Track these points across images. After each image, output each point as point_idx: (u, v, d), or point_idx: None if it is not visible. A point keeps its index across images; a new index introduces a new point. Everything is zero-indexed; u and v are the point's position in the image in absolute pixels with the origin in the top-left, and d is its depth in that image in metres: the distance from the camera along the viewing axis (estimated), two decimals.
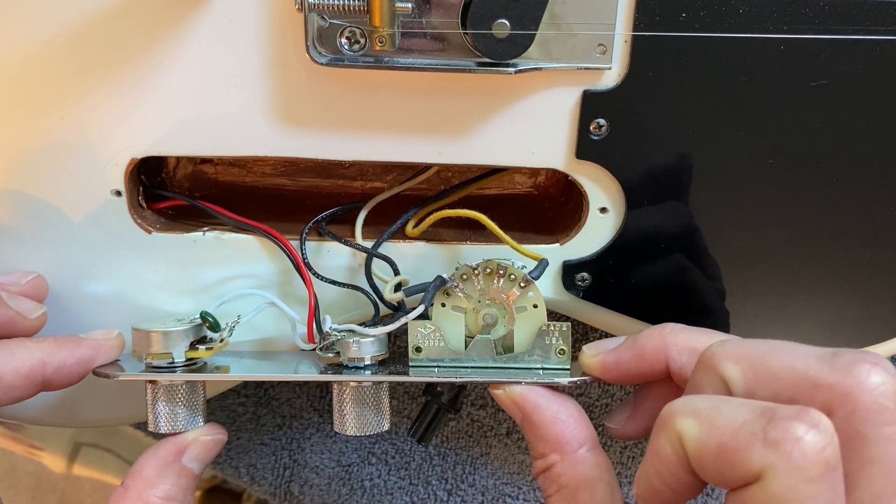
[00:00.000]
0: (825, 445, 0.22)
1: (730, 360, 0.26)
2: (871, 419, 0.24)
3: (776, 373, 0.25)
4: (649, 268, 0.37)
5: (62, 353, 0.33)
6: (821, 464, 0.22)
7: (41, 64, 0.33)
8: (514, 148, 0.35)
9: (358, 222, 0.38)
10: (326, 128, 0.35)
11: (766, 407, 0.24)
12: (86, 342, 0.34)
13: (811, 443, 0.22)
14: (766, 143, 0.35)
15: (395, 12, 0.30)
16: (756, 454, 0.23)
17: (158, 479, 0.33)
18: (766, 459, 0.22)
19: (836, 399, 0.24)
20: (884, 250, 0.37)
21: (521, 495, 0.53)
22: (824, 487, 0.22)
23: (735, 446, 0.23)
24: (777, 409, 0.23)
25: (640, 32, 0.33)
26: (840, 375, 0.24)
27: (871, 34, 0.33)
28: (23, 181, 0.36)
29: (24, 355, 0.32)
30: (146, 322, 0.35)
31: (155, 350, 0.34)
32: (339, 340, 0.35)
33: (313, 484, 0.53)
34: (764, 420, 0.23)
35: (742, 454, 0.23)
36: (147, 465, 0.33)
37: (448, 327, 0.35)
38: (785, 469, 0.22)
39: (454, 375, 0.34)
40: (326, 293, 0.38)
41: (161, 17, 0.33)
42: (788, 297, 0.38)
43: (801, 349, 0.26)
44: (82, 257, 0.37)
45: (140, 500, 0.33)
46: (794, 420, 0.23)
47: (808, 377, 0.25)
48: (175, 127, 0.35)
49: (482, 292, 0.35)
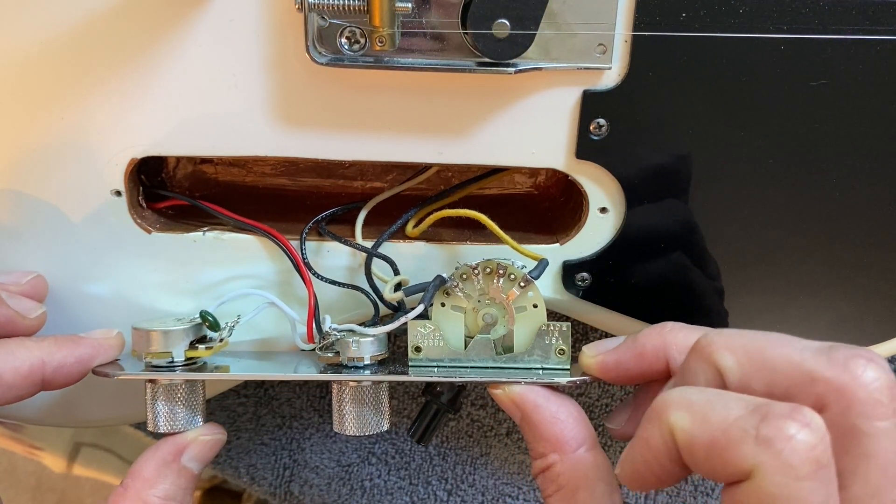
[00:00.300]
0: (816, 444, 0.23)
1: (726, 350, 0.26)
2: (867, 413, 0.24)
3: (772, 364, 0.25)
4: (649, 267, 0.37)
5: (62, 352, 0.33)
6: (812, 462, 0.22)
7: (41, 64, 0.33)
8: (514, 148, 0.35)
9: (358, 222, 0.38)
10: (326, 128, 0.35)
11: (760, 404, 0.24)
12: (85, 341, 0.34)
13: (803, 441, 0.22)
14: (766, 142, 0.35)
15: (395, 12, 0.30)
16: (747, 451, 0.23)
17: (158, 479, 0.33)
18: (758, 457, 0.23)
19: (832, 393, 0.24)
20: (884, 250, 0.37)
21: (521, 495, 0.53)
22: (816, 485, 0.22)
23: (726, 442, 0.23)
24: (771, 406, 0.23)
25: (640, 32, 0.33)
26: (836, 369, 0.24)
27: (871, 34, 0.33)
28: (23, 181, 0.36)
29: (23, 354, 0.32)
30: (146, 321, 0.35)
31: (154, 349, 0.34)
32: (339, 340, 0.35)
33: (313, 484, 0.53)
34: (757, 417, 0.23)
35: (733, 451, 0.23)
36: (146, 465, 0.33)
37: (448, 327, 0.35)
38: (776, 467, 0.22)
39: (454, 375, 0.34)
40: (326, 293, 0.38)
41: (161, 17, 0.33)
42: (788, 296, 0.38)
43: (797, 342, 0.26)
44: (82, 257, 0.37)
45: (139, 500, 0.33)
46: (787, 418, 0.23)
47: (805, 370, 0.25)
48: (175, 127, 0.35)
49: (482, 292, 0.35)
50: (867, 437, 0.24)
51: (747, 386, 0.26)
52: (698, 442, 0.24)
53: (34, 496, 1.03)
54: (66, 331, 0.36)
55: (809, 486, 0.22)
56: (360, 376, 0.34)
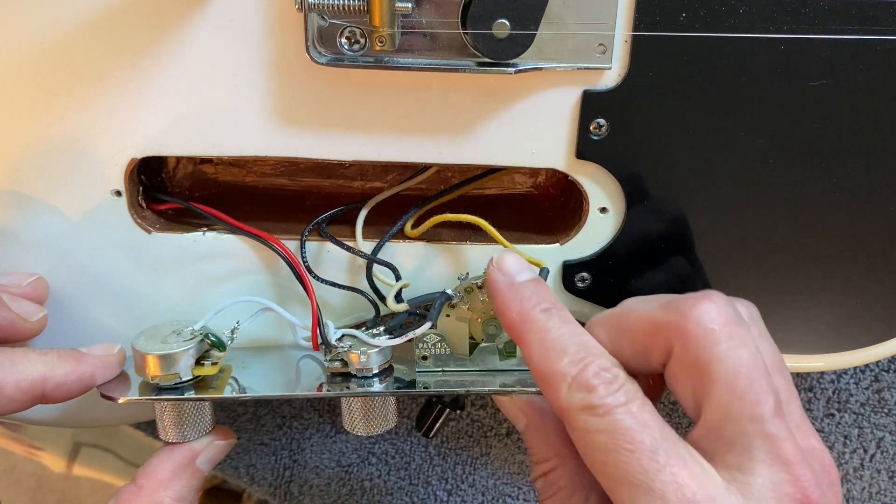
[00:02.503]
0: (610, 382, 0.27)
1: (597, 326, 0.30)
2: (702, 344, 0.27)
3: (629, 327, 0.29)
4: (649, 268, 0.37)
5: (64, 368, 0.33)
6: (606, 391, 0.27)
7: (41, 64, 0.33)
8: (514, 148, 0.35)
9: (358, 223, 0.38)
10: (326, 128, 0.35)
11: (583, 356, 0.28)
12: (87, 359, 0.34)
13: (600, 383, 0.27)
14: (766, 142, 0.35)
15: (395, 12, 0.30)
16: (563, 394, 0.28)
17: (172, 481, 0.34)
18: (569, 399, 0.27)
19: (672, 335, 0.27)
20: (884, 250, 0.37)
21: (521, 495, 0.53)
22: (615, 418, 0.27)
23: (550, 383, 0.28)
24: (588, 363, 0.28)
25: (640, 32, 0.33)
26: (672, 315, 0.28)
27: (871, 34, 0.33)
28: (23, 181, 0.36)
29: (27, 368, 0.32)
30: (147, 338, 0.34)
31: (161, 373, 0.34)
32: (347, 352, 0.35)
33: (313, 484, 0.53)
34: (576, 368, 0.28)
35: (552, 392, 0.28)
36: (162, 467, 0.34)
37: (453, 335, 0.35)
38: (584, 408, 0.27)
39: (461, 387, 0.35)
40: (327, 293, 0.38)
41: (161, 17, 0.33)
42: (788, 296, 0.38)
43: (651, 301, 0.29)
44: (82, 257, 0.37)
45: (153, 500, 0.33)
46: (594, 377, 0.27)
47: (652, 322, 0.28)
48: (175, 127, 0.35)
49: (485, 303, 0.35)
50: (708, 364, 0.26)
51: (619, 352, 0.29)
52: (536, 376, 0.29)
53: (34, 496, 1.03)
54: (66, 331, 0.36)
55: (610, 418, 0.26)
56: (372, 391, 0.34)
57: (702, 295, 0.28)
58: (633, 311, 0.30)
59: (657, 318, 0.28)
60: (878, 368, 0.49)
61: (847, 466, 0.51)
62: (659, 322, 0.28)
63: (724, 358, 0.27)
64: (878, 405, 0.49)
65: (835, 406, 0.50)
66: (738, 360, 0.27)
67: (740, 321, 0.28)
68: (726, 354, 0.27)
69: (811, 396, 0.50)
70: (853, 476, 0.51)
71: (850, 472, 0.51)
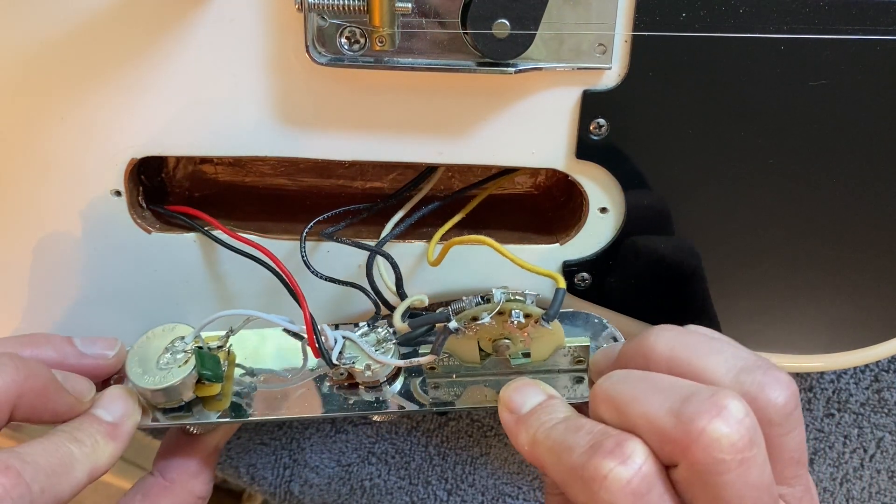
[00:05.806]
0: (631, 478, 0.25)
1: (601, 403, 0.29)
2: (710, 471, 0.25)
3: (634, 421, 0.27)
4: (649, 268, 0.37)
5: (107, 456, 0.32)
6: (629, 495, 0.25)
7: (41, 64, 0.33)
8: (514, 148, 0.35)
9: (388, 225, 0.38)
10: (326, 128, 0.35)
11: (595, 442, 0.27)
12: (122, 434, 0.33)
13: (617, 478, 0.26)
14: (766, 142, 0.35)
15: (395, 12, 0.30)
16: (578, 489, 0.26)
17: (200, 472, 0.37)
18: (583, 496, 0.26)
19: (678, 453, 0.26)
20: (883, 250, 0.37)
21: (521, 495, 0.53)
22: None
23: (565, 470, 0.27)
24: (603, 442, 0.26)
25: (640, 32, 0.33)
26: (681, 430, 0.26)
27: (871, 34, 0.33)
28: (23, 181, 0.36)
29: (79, 471, 0.31)
30: (142, 365, 0.34)
31: (163, 403, 0.34)
32: (350, 367, 0.35)
33: (313, 484, 0.53)
34: (586, 456, 0.26)
35: (570, 487, 0.27)
36: (190, 462, 0.37)
37: (461, 351, 0.34)
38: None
39: (471, 403, 0.34)
40: (327, 292, 0.38)
41: (161, 17, 0.33)
42: (788, 296, 0.38)
43: (660, 396, 0.27)
44: (82, 257, 0.37)
45: (185, 492, 0.37)
46: (608, 456, 0.26)
47: (657, 429, 0.26)
48: (175, 127, 0.35)
49: (493, 326, 0.32)
50: (714, 488, 0.25)
51: None
52: (554, 477, 0.28)
53: None
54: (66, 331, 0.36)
55: None
56: (381, 412, 0.35)
57: (715, 406, 0.25)
58: (640, 406, 0.27)
59: (664, 428, 0.26)
60: (878, 368, 0.49)
61: (847, 466, 0.51)
62: (665, 435, 0.26)
63: (731, 485, 0.25)
64: (877, 405, 0.49)
65: (835, 406, 0.50)
66: (745, 487, 0.25)
67: (754, 439, 0.26)
68: (734, 483, 0.25)
69: (811, 396, 0.50)
70: (853, 476, 0.51)
71: (850, 472, 0.51)
